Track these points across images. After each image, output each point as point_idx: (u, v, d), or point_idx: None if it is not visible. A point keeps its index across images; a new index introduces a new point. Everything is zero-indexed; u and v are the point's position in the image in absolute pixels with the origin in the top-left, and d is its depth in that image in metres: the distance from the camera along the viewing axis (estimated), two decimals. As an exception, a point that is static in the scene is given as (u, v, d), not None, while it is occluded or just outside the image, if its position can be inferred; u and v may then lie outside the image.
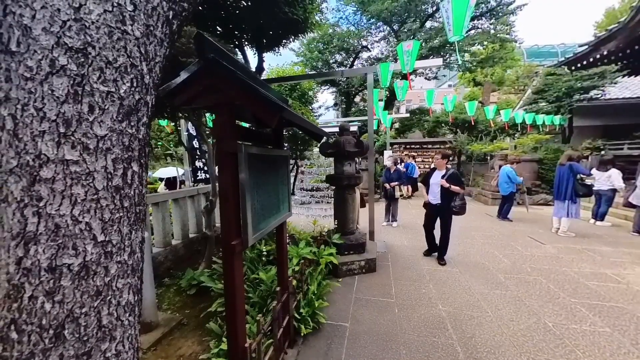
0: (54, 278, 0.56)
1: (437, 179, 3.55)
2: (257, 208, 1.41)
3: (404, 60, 3.12)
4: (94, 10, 0.55)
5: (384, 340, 2.19)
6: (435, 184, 3.55)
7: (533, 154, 8.50)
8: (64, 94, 0.54)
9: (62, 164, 0.55)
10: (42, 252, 0.55)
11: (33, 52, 0.51)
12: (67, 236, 0.57)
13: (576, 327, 2.27)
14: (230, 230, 1.29)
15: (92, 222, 0.60)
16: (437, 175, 3.60)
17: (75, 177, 0.57)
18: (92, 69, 0.56)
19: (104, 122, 0.59)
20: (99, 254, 0.62)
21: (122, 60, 0.60)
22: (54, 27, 0.52)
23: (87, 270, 0.60)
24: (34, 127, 0.53)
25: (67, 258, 0.57)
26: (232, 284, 1.32)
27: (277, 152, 1.74)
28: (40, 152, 0.53)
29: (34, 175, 0.53)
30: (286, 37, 4.36)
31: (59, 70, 0.53)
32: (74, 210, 0.57)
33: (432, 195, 3.64)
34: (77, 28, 0.54)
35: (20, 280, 0.54)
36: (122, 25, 0.60)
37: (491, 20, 13.40)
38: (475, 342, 2.13)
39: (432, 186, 3.61)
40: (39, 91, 0.52)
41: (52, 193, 0.55)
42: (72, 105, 0.55)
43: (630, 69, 7.34)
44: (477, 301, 2.75)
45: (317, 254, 3.07)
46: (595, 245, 4.28)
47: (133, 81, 0.64)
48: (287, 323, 1.99)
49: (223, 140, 1.26)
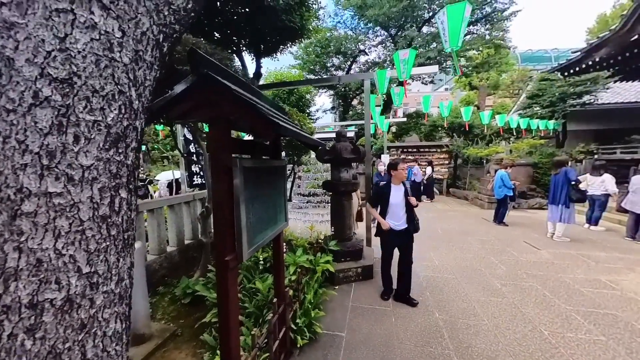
0: (35, 314, 0.54)
1: (398, 197, 2.75)
2: (252, 222, 1.40)
3: (401, 69, 3.14)
4: (80, 39, 0.54)
5: (380, 350, 2.18)
6: (397, 205, 2.74)
7: (528, 159, 8.60)
8: (48, 125, 0.52)
9: (45, 196, 0.53)
10: (23, 288, 0.53)
11: (15, 83, 0.50)
12: (49, 270, 0.55)
13: (572, 336, 2.28)
14: (225, 245, 1.27)
15: (76, 254, 0.58)
16: (397, 192, 2.77)
17: (58, 210, 0.55)
18: (77, 98, 0.55)
19: (90, 151, 0.58)
20: (84, 285, 0.60)
21: (109, 88, 0.59)
22: (37, 58, 0.50)
23: (71, 304, 0.58)
24: (15, 160, 0.51)
25: (50, 293, 0.55)
26: (226, 300, 1.30)
27: (274, 163, 1.73)
28: (22, 185, 0.51)
29: (15, 210, 0.52)
30: (284, 43, 4.37)
31: (42, 101, 0.51)
32: (57, 243, 0.55)
33: (394, 218, 2.76)
34: (62, 58, 0.52)
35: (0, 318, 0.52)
36: (109, 53, 0.58)
37: (486, 25, 13.62)
38: (471, 352, 2.13)
39: (393, 207, 2.75)
40: (21, 123, 0.51)
41: (34, 227, 0.53)
42: (57, 137, 0.53)
43: (622, 74, 7.51)
44: (473, 309, 2.75)
45: (314, 262, 3.05)
46: (590, 251, 4.33)
47: (121, 108, 0.62)
48: (283, 334, 1.97)
49: (217, 155, 1.25)
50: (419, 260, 4.08)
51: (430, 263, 4.02)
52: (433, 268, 3.83)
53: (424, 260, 4.12)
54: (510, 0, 12.74)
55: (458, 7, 2.05)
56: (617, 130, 8.55)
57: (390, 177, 2.85)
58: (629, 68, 6.89)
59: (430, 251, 4.50)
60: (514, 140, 10.72)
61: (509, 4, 12.78)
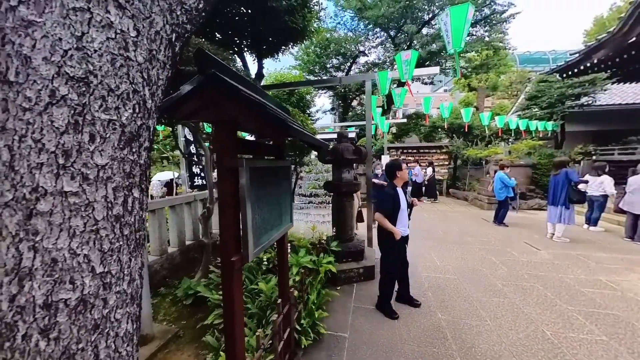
0: (50, 315, 0.54)
1: (404, 201, 2.59)
2: (258, 222, 1.39)
3: (403, 69, 3.16)
4: (97, 38, 0.54)
5: (383, 351, 2.17)
6: (404, 209, 2.57)
7: (527, 159, 8.65)
8: (64, 124, 0.52)
9: (60, 195, 0.53)
10: (38, 288, 0.53)
11: (32, 82, 0.50)
12: (64, 270, 0.55)
13: (574, 336, 2.29)
14: (230, 246, 1.27)
15: (90, 254, 0.58)
16: (402, 196, 2.59)
17: (74, 209, 0.55)
18: (93, 97, 0.54)
19: (105, 150, 0.57)
20: (98, 286, 0.60)
21: (124, 87, 0.59)
22: (54, 57, 0.50)
23: (85, 304, 0.58)
24: (31, 159, 0.51)
25: (64, 293, 0.55)
26: (231, 300, 1.29)
27: (280, 164, 1.73)
28: (38, 184, 0.51)
29: (30, 209, 0.51)
30: (285, 44, 4.38)
31: (59, 100, 0.51)
32: (72, 243, 0.55)
33: (402, 224, 2.57)
34: (79, 57, 0.52)
35: (14, 318, 0.52)
36: (125, 52, 0.58)
37: (485, 27, 13.72)
38: (475, 353, 2.13)
39: (402, 213, 2.54)
40: (37, 122, 0.50)
41: (49, 226, 0.53)
42: (73, 136, 0.53)
43: (620, 76, 7.57)
44: (475, 309, 2.76)
45: (317, 263, 3.04)
46: (590, 251, 4.35)
47: (135, 107, 0.62)
48: (288, 335, 1.96)
49: (223, 156, 1.24)
50: (420, 261, 4.08)
51: (431, 264, 4.02)
52: (434, 269, 3.84)
53: (426, 260, 4.12)
54: (509, 3, 12.85)
55: (461, 9, 2.07)
56: (616, 131, 8.62)
57: (393, 179, 2.60)
58: (627, 70, 6.96)
59: (431, 252, 4.51)
60: (512, 141, 10.79)
61: (508, 7, 12.89)
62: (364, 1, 13.21)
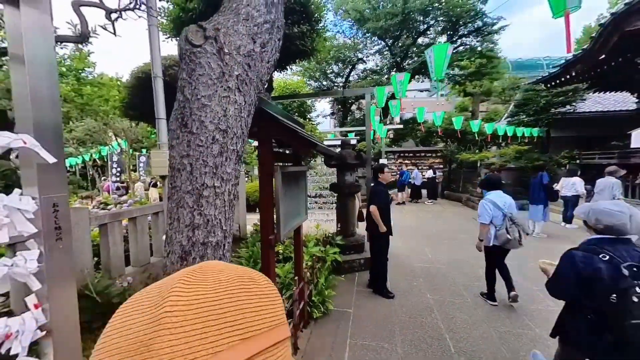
0: (204, 248, 1.06)
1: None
2: (286, 212, 1.91)
3: (397, 88, 3.72)
4: (230, 109, 1.07)
5: (382, 321, 2.67)
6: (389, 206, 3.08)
7: (517, 163, 9.22)
8: (217, 152, 1.04)
9: (213, 188, 1.05)
10: (200, 234, 1.04)
11: (203, 132, 1.02)
12: (212, 225, 1.06)
13: (533, 307, 2.81)
14: (268, 228, 1.78)
15: (221, 218, 1.10)
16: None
17: (218, 195, 1.06)
18: (229, 138, 1.07)
19: (229, 165, 1.10)
20: (223, 236, 1.12)
21: (239, 132, 1.11)
22: (214, 120, 1.03)
23: (218, 245, 1.09)
24: (201, 170, 1.03)
25: (211, 237, 1.07)
26: (268, 268, 1.80)
27: (299, 169, 2.26)
28: (204, 182, 1.03)
29: (199, 194, 1.03)
30: (294, 62, 4.95)
31: (215, 141, 1.04)
32: (215, 212, 1.07)
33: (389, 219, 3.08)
34: (225, 119, 1.05)
35: (189, 249, 1.04)
36: (240, 113, 1.11)
37: (477, 38, 14.48)
38: (455, 321, 2.64)
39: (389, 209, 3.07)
40: (205, 152, 1.03)
41: (207, 203, 1.04)
42: (219, 159, 1.05)
43: (598, 86, 8.22)
44: (459, 291, 3.26)
45: (325, 252, 3.55)
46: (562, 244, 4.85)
47: (242, 142, 1.15)
48: (302, 307, 2.46)
49: (264, 164, 1.77)
50: (414, 255, 4.58)
51: (424, 257, 4.53)
52: (427, 260, 4.35)
53: (420, 254, 4.63)
54: (499, 17, 13.66)
55: (442, 47, 2.62)
56: (597, 137, 9.23)
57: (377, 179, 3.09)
58: (603, 81, 7.59)
59: (425, 247, 5.02)
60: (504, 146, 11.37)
61: (498, 19, 13.66)
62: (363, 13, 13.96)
